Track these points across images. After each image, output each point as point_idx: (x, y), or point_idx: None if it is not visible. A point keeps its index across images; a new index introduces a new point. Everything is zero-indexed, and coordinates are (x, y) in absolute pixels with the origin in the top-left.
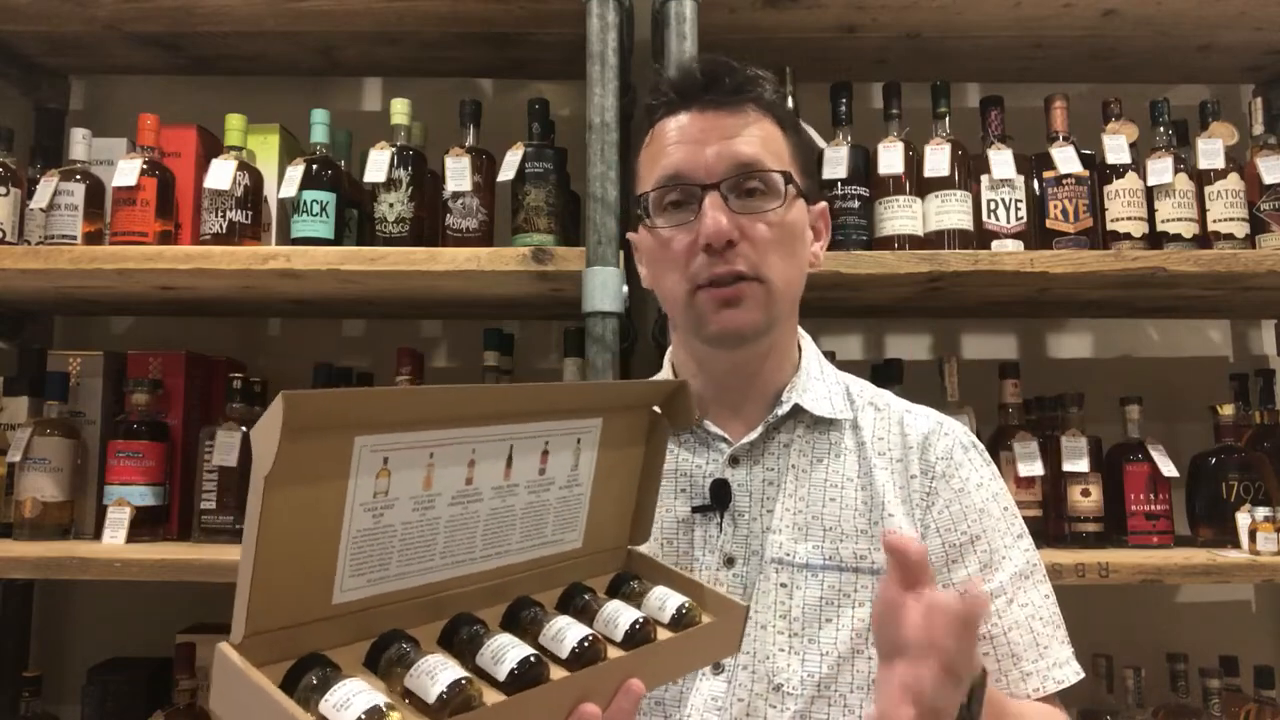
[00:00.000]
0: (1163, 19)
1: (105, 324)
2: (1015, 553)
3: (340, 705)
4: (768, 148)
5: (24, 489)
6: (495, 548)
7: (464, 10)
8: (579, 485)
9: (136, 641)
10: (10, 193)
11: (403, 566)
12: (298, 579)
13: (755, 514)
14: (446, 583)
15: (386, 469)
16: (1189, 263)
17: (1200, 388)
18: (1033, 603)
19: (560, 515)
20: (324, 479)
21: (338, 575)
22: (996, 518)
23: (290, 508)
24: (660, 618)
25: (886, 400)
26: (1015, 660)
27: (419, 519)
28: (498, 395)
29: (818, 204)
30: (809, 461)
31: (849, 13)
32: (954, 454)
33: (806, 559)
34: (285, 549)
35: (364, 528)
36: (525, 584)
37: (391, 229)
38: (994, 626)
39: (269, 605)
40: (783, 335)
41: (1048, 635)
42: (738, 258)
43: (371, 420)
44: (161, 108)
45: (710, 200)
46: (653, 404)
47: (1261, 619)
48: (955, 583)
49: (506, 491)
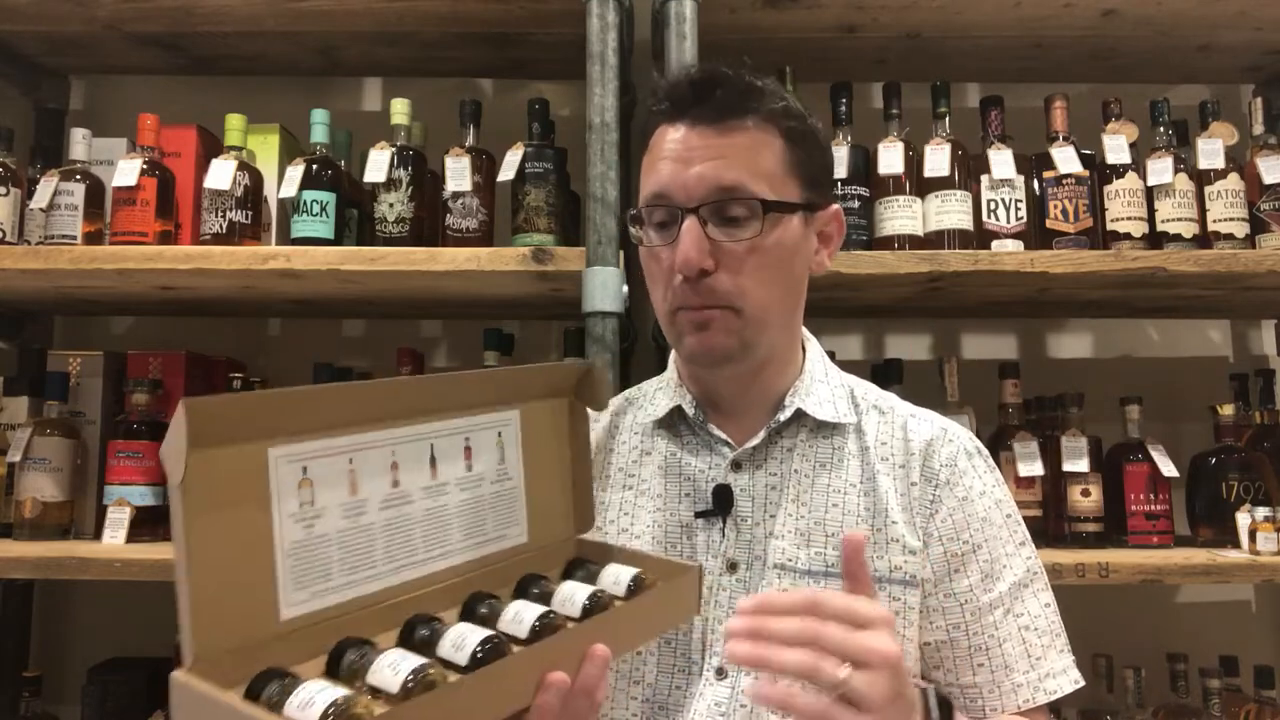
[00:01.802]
0: (1163, 19)
1: (105, 324)
2: (1017, 561)
3: (305, 704)
4: (755, 170)
5: (24, 489)
6: (438, 548)
7: (464, 10)
8: (510, 479)
9: (136, 641)
10: (10, 193)
11: (346, 576)
12: (239, 597)
13: (758, 519)
14: (396, 588)
15: (308, 479)
16: (1189, 263)
17: (1200, 388)
18: (1029, 612)
19: (498, 511)
20: (244, 493)
21: (280, 590)
22: (999, 525)
23: (216, 523)
24: (616, 592)
25: (890, 403)
26: (1007, 671)
27: (352, 526)
28: (407, 388)
29: (829, 208)
30: (812, 467)
31: (849, 13)
32: (958, 461)
33: (809, 565)
34: (219, 566)
35: (297, 539)
36: (478, 583)
37: (391, 229)
38: (989, 638)
39: (215, 626)
40: (779, 347)
41: (1042, 646)
42: (709, 289)
43: (283, 426)
44: (161, 108)
45: (687, 225)
46: (564, 390)
47: (1261, 619)
48: (956, 592)
49: (436, 491)
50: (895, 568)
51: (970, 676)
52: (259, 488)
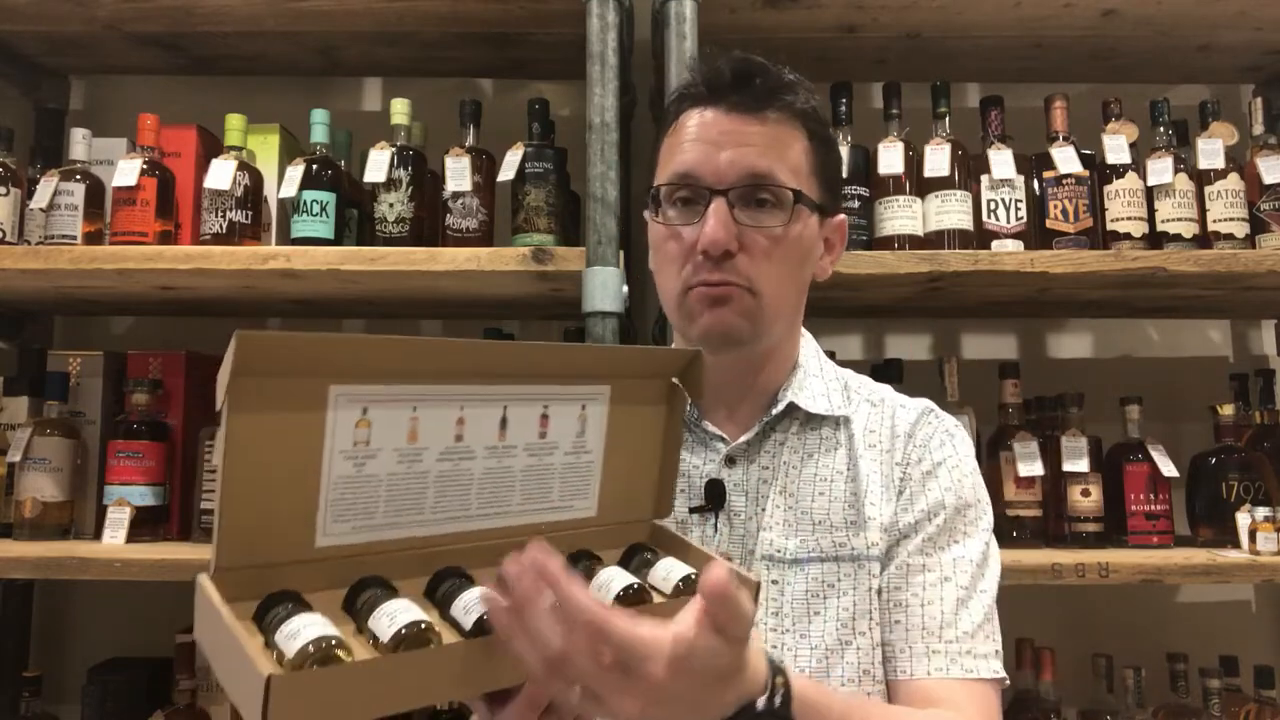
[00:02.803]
0: (1163, 19)
1: (105, 324)
2: (972, 543)
3: (291, 635)
4: (785, 160)
5: (24, 489)
6: (493, 507)
7: (464, 10)
8: (588, 452)
9: (136, 641)
10: (10, 193)
11: (391, 517)
12: (276, 519)
13: (750, 513)
14: (442, 538)
15: (366, 419)
16: (1189, 263)
17: (1200, 388)
18: (967, 588)
19: (567, 481)
20: (297, 421)
21: (319, 519)
22: (963, 501)
23: (263, 444)
24: (664, 588)
25: (883, 395)
26: (924, 633)
27: (405, 471)
28: (488, 352)
29: (836, 216)
30: (800, 458)
31: (849, 13)
32: (935, 437)
33: (795, 554)
34: (258, 487)
35: (345, 475)
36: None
37: (391, 229)
38: (913, 598)
39: (245, 542)
40: (780, 343)
41: (972, 623)
42: (733, 269)
43: (346, 368)
44: (161, 108)
45: (715, 206)
46: (669, 374)
47: (1261, 619)
48: (903, 550)
49: (503, 452)
50: (872, 544)
51: (886, 633)
52: (315, 420)
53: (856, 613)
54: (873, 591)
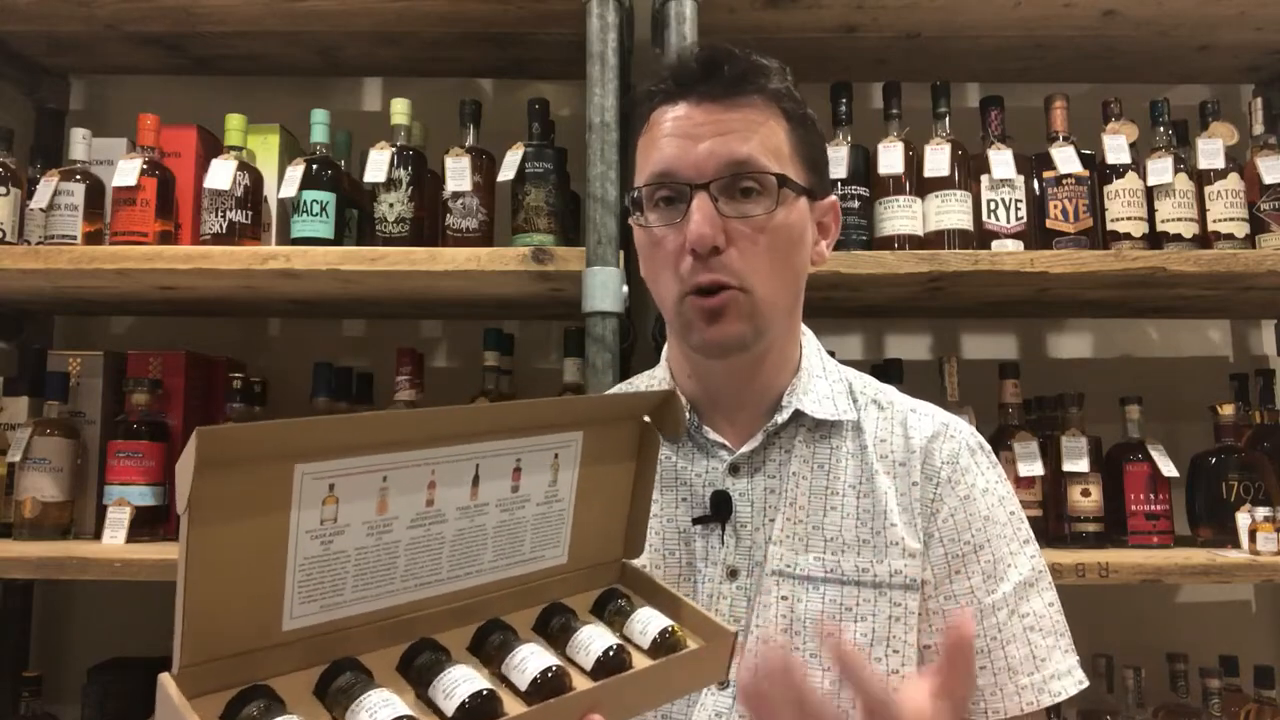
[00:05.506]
0: (1163, 19)
1: (105, 324)
2: (1021, 560)
3: None
4: (765, 145)
5: (24, 489)
6: (464, 568)
7: (464, 10)
8: (559, 501)
9: (136, 641)
10: (10, 193)
11: (359, 591)
12: (241, 607)
13: (758, 525)
14: (410, 605)
15: (333, 496)
16: (1189, 263)
17: (1200, 388)
18: (1034, 612)
19: (539, 532)
20: (261, 508)
21: (286, 602)
22: (1003, 524)
23: (225, 538)
24: (641, 643)
25: (890, 397)
26: (1011, 674)
27: (375, 543)
28: (460, 417)
29: (827, 198)
30: (810, 470)
31: (849, 13)
32: (960, 458)
33: (808, 571)
34: (222, 578)
35: (312, 554)
36: (501, 602)
37: (391, 229)
38: (992, 640)
39: (211, 634)
40: (780, 339)
41: (1047, 646)
42: (722, 266)
43: (311, 449)
44: (161, 108)
45: (698, 202)
46: (641, 415)
47: (1261, 619)
48: (958, 594)
49: (475, 511)
50: (895, 572)
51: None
52: (280, 504)
53: (874, 639)
54: (892, 620)
